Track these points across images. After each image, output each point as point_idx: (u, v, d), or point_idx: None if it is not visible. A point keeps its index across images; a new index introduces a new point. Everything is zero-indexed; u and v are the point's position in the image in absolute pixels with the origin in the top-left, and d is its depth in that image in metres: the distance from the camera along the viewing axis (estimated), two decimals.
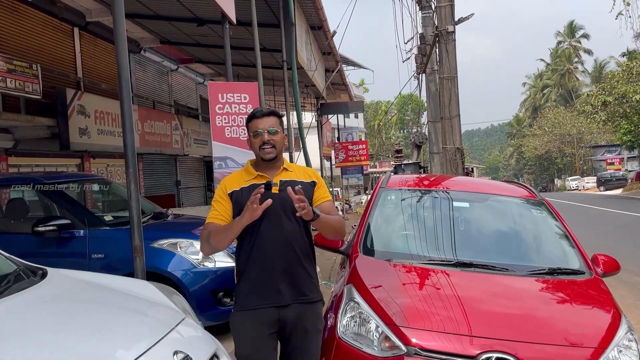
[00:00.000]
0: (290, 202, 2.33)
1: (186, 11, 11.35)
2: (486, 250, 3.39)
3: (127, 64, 3.48)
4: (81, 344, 1.77)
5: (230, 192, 2.51)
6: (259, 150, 2.51)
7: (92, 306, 2.15)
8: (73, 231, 4.56)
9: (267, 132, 2.49)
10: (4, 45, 9.77)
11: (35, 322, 1.87)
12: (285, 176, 2.55)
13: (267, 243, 2.43)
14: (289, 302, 2.43)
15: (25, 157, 10.21)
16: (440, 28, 7.14)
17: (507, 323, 2.61)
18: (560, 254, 3.41)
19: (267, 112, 2.57)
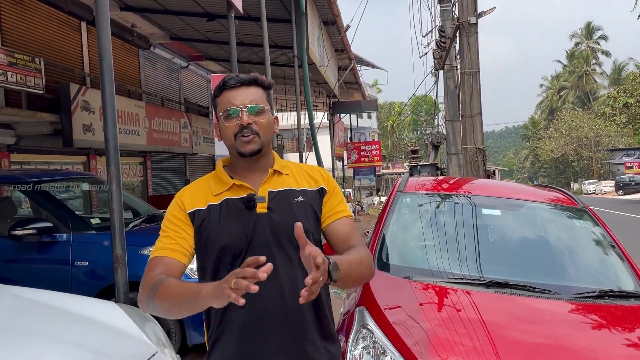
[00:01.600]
0: (287, 228, 1.52)
1: (196, 5, 11.08)
2: (522, 267, 2.91)
3: (109, 48, 3.09)
4: None
5: (192, 211, 1.62)
6: (233, 140, 1.59)
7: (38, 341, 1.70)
8: (55, 235, 4.15)
9: (245, 110, 1.58)
10: (7, 38, 9.53)
11: None
12: (278, 184, 1.66)
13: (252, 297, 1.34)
14: None
15: (28, 154, 9.99)
16: (461, 19, 6.67)
17: (546, 354, 2.12)
18: (611, 273, 2.91)
19: (245, 79, 1.62)
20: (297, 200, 1.63)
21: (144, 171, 13.94)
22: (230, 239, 1.55)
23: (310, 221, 1.62)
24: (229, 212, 1.58)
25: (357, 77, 18.37)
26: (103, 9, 3.02)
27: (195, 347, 4.19)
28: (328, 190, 1.70)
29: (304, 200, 1.63)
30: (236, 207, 1.59)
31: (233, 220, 1.57)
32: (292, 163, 1.76)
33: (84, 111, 9.97)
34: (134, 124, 11.79)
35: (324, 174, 1.74)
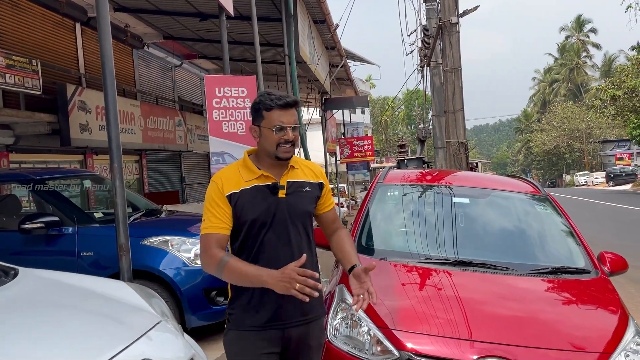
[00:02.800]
0: (298, 209, 2.11)
1: (188, 5, 11.25)
2: (487, 248, 3.23)
3: (111, 54, 3.36)
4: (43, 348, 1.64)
5: (229, 194, 2.07)
6: (275, 148, 2.06)
7: (58, 310, 2.03)
8: (61, 228, 4.45)
9: (291, 128, 2.06)
10: (4, 40, 9.70)
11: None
12: (292, 176, 2.15)
13: (271, 257, 2.06)
14: (294, 324, 2.10)
15: (26, 154, 10.16)
16: (443, 19, 6.95)
17: (507, 326, 2.45)
18: (565, 252, 3.24)
19: (291, 102, 2.08)
20: (305, 189, 2.15)
21: (140, 169, 14.14)
22: (258, 214, 2.06)
23: (312, 205, 2.19)
24: (258, 195, 2.07)
25: (349, 73, 18.61)
26: (104, 16, 3.29)
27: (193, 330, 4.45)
28: (325, 185, 2.25)
29: (310, 190, 2.16)
30: (263, 191, 2.08)
31: (261, 201, 2.06)
32: (299, 160, 2.26)
33: (80, 111, 10.16)
34: (130, 122, 12.00)
35: (322, 170, 2.30)
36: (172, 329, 2.25)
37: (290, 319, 2.09)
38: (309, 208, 2.18)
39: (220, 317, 4.36)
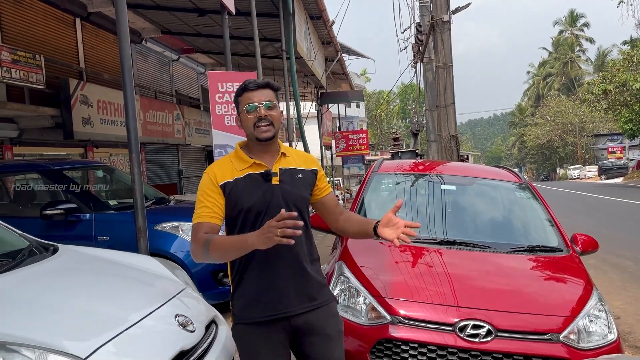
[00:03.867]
0: (293, 195, 2.11)
1: (187, 1, 11.47)
2: (471, 230, 3.58)
3: (129, 54, 3.66)
4: (92, 306, 1.98)
5: (223, 183, 2.09)
6: (253, 129, 2.08)
7: (101, 276, 2.37)
8: (79, 215, 4.78)
9: (262, 105, 2.07)
10: (7, 35, 9.92)
11: (48, 288, 2.08)
12: (285, 163, 2.16)
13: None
14: (299, 311, 2.08)
15: (29, 147, 10.39)
16: (435, 17, 7.27)
17: (486, 295, 2.80)
18: (541, 233, 3.60)
19: (262, 83, 2.13)
20: (299, 176, 2.17)
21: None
22: (254, 202, 2.07)
23: (308, 191, 2.19)
24: (251, 183, 2.09)
25: (344, 67, 18.91)
26: (123, 21, 3.59)
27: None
28: (319, 171, 2.26)
29: (303, 177, 2.18)
30: (257, 179, 2.10)
31: (255, 188, 2.08)
32: (290, 149, 2.30)
33: (82, 105, 10.38)
34: None
35: (315, 159, 2.33)
36: (195, 295, 2.59)
37: (293, 307, 2.06)
38: (304, 193, 2.17)
39: (226, 297, 4.69)
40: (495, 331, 2.57)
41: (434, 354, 2.56)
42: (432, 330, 2.61)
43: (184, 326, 2.10)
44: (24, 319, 1.77)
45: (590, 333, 2.71)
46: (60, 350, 1.60)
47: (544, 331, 2.62)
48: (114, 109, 11.47)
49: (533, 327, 2.62)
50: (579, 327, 2.68)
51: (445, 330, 2.60)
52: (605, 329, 2.75)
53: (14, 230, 2.71)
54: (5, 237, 2.63)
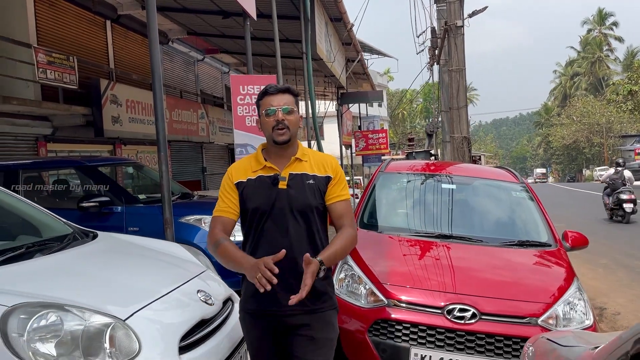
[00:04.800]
0: (298, 201, 2.16)
1: (212, 4, 11.88)
2: (466, 225, 3.88)
3: (159, 58, 4.05)
4: (129, 280, 2.37)
5: (237, 182, 2.23)
6: (271, 132, 2.18)
7: (135, 257, 2.76)
8: (112, 207, 5.23)
9: (280, 110, 2.16)
10: (43, 38, 10.47)
11: (90, 264, 2.49)
12: (297, 168, 2.22)
13: (269, 245, 2.14)
14: (291, 313, 2.14)
15: (62, 143, 10.93)
16: (449, 22, 7.52)
17: (472, 282, 3.11)
18: (532, 230, 3.88)
19: (282, 88, 2.22)
20: (309, 182, 2.20)
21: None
22: (259, 204, 2.18)
23: (316, 198, 2.21)
24: (260, 185, 2.20)
25: (365, 68, 19.17)
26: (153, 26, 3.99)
27: None
28: (333, 178, 2.25)
29: (313, 183, 2.21)
30: (265, 182, 2.20)
31: (263, 191, 2.19)
32: (311, 151, 2.35)
33: (112, 104, 10.87)
34: None
35: (334, 163, 2.31)
36: (214, 276, 2.97)
37: (285, 307, 2.08)
38: (310, 201, 2.19)
39: None
40: (479, 314, 2.88)
41: (425, 333, 2.89)
42: (423, 313, 2.93)
43: (205, 300, 2.47)
44: (75, 287, 2.16)
45: (568, 319, 2.99)
46: (105, 312, 1.99)
47: (524, 315, 2.91)
48: (142, 108, 11.97)
49: (514, 311, 2.92)
50: (557, 313, 2.96)
51: (435, 312, 2.92)
52: (582, 315, 3.03)
53: (60, 219, 3.12)
54: (52, 224, 3.04)
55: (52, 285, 2.12)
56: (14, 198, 3.16)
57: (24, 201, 3.18)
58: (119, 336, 1.96)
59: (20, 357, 1.76)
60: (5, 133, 9.54)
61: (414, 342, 2.88)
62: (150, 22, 3.97)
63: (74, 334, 1.89)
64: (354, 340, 3.02)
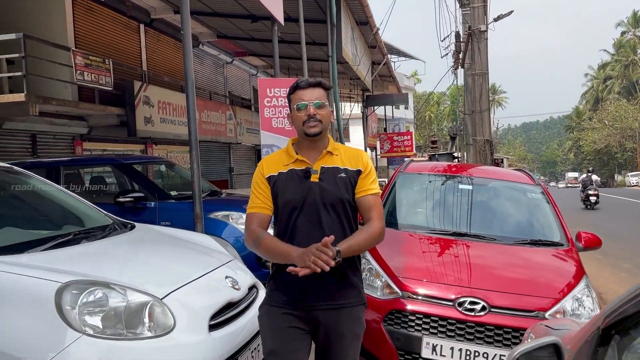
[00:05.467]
0: (331, 194, 2.16)
1: (242, 9, 12.22)
2: (481, 224, 4.02)
3: (191, 62, 4.33)
4: (165, 265, 2.62)
5: (268, 176, 2.23)
6: (302, 125, 2.18)
7: (169, 246, 3.02)
8: (146, 202, 5.55)
9: (312, 104, 2.16)
10: (80, 41, 10.95)
11: (130, 250, 2.75)
12: (329, 161, 2.22)
13: (302, 239, 2.13)
14: (321, 307, 2.15)
15: (96, 142, 11.40)
16: (473, 27, 7.64)
17: (483, 277, 3.27)
18: (545, 230, 4.01)
19: (313, 82, 2.22)
20: (340, 175, 2.20)
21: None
22: (291, 197, 2.17)
23: (348, 192, 2.21)
24: (292, 178, 2.20)
25: (391, 70, 19.31)
26: (187, 40, 4.26)
27: None
28: (364, 171, 2.24)
29: (345, 176, 2.20)
30: (298, 175, 2.20)
31: (295, 184, 2.18)
32: (342, 146, 2.34)
33: (145, 105, 11.27)
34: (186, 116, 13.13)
35: (364, 157, 2.30)
36: (241, 265, 3.21)
37: (315, 301, 2.12)
38: (342, 194, 2.19)
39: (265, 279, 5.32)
40: (489, 307, 3.04)
41: (436, 324, 3.06)
42: (435, 304, 3.10)
43: (232, 285, 2.71)
44: (118, 269, 2.41)
45: (576, 315, 3.12)
46: (144, 291, 2.23)
47: (532, 309, 3.06)
48: (172, 109, 12.36)
49: (523, 305, 3.07)
50: (564, 308, 3.10)
51: (447, 304, 3.09)
52: (590, 312, 3.15)
53: (100, 210, 3.40)
54: (94, 216, 3.32)
55: (98, 267, 2.38)
56: (60, 191, 3.46)
57: (68, 194, 3.48)
58: (157, 313, 2.21)
59: (72, 326, 2.02)
60: (45, 132, 10.02)
61: (426, 331, 3.05)
62: (184, 28, 4.24)
63: (118, 309, 2.14)
64: (371, 329, 3.20)
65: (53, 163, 5.91)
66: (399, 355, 3.09)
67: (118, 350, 2.06)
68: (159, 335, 2.16)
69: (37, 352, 1.96)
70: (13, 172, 3.29)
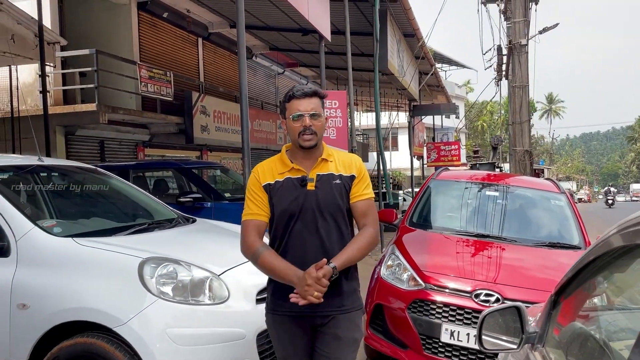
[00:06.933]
0: (327, 201, 2.18)
1: (293, 23, 12.84)
2: (503, 227, 4.35)
3: (245, 74, 4.88)
4: (220, 250, 3.17)
5: (265, 184, 2.22)
6: (297, 137, 2.17)
7: (224, 236, 3.57)
8: (203, 203, 6.18)
9: (308, 115, 2.15)
10: (144, 55, 11.89)
11: (192, 237, 3.34)
12: (324, 169, 2.23)
13: (299, 245, 2.18)
14: (322, 313, 2.18)
15: (156, 149, 12.28)
16: (513, 41, 7.90)
17: (500, 273, 3.61)
18: (565, 234, 4.29)
19: (309, 92, 2.20)
20: (335, 182, 2.22)
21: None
22: (287, 205, 2.17)
23: (343, 198, 2.24)
24: (288, 187, 2.20)
25: (439, 80, 19.52)
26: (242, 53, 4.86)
27: None
28: (357, 177, 2.26)
29: (339, 183, 2.22)
30: (293, 184, 2.21)
31: (291, 193, 2.18)
32: (336, 151, 2.35)
33: (201, 114, 12.05)
34: (239, 125, 13.86)
35: (358, 163, 2.32)
36: None
37: (315, 308, 2.12)
38: (338, 201, 2.21)
39: None
40: (502, 299, 3.39)
41: (455, 312, 3.45)
42: (454, 295, 3.49)
43: None
44: (184, 251, 2.96)
45: None
46: (205, 268, 2.78)
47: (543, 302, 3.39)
48: (227, 118, 13.13)
49: (534, 299, 3.38)
50: None
51: (464, 295, 3.47)
52: None
53: (167, 206, 4.01)
54: (162, 211, 3.93)
55: (169, 249, 2.95)
56: (134, 189, 4.09)
57: (141, 191, 4.11)
58: (215, 286, 2.75)
59: (151, 292, 2.59)
60: (112, 138, 10.95)
61: (445, 319, 3.44)
62: (240, 44, 4.81)
63: (184, 281, 2.69)
64: (397, 317, 3.63)
65: (124, 166, 6.66)
66: (421, 339, 3.50)
67: (184, 312, 2.62)
68: (216, 303, 2.70)
69: (124, 309, 2.54)
70: (98, 173, 3.95)
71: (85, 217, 3.49)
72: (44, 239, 2.77)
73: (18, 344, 2.63)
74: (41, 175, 3.57)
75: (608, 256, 1.50)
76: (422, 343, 3.49)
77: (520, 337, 1.78)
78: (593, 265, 1.60)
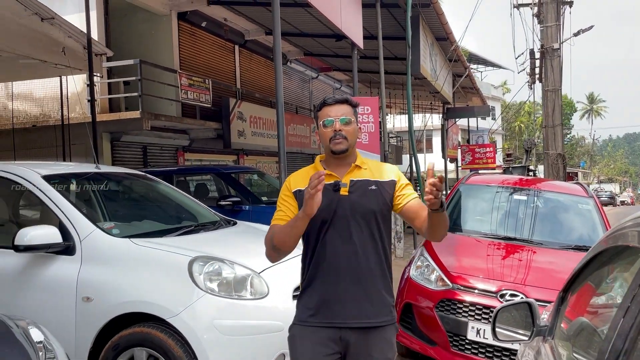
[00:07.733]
0: (361, 207, 2.14)
1: (326, 29, 13.06)
2: (530, 230, 4.48)
3: (281, 80, 5.16)
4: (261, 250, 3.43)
5: (295, 190, 2.21)
6: (329, 142, 2.17)
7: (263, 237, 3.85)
8: (241, 206, 6.51)
9: (338, 120, 2.15)
10: (184, 63, 12.36)
11: (234, 238, 3.65)
12: (357, 175, 2.20)
13: (332, 253, 2.13)
14: (350, 325, 2.11)
15: (195, 153, 12.70)
16: (546, 45, 7.94)
17: (525, 274, 3.76)
18: (591, 237, 4.38)
19: (340, 99, 2.23)
20: (371, 188, 2.18)
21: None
22: (319, 211, 2.01)
23: (379, 203, 2.17)
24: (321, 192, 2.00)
25: (474, 82, 19.42)
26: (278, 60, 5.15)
27: None
28: (397, 182, 2.22)
29: (376, 189, 2.18)
30: (327, 189, 2.09)
31: (323, 198, 2.01)
32: (371, 161, 2.34)
33: (238, 120, 12.46)
34: (274, 129, 14.24)
35: (395, 169, 2.31)
36: None
37: (347, 318, 2.09)
38: (373, 206, 2.16)
39: None
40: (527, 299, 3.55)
41: (480, 311, 3.62)
42: (480, 295, 3.66)
43: None
44: (227, 250, 3.25)
45: None
46: (247, 267, 3.05)
47: None
48: (262, 123, 13.50)
49: None
50: None
51: (490, 295, 3.64)
52: None
53: (210, 210, 4.33)
54: (205, 214, 4.25)
55: (214, 248, 3.25)
56: (180, 193, 4.43)
57: (185, 196, 4.44)
58: (256, 282, 3.02)
59: (199, 287, 2.89)
60: (154, 144, 11.44)
61: (471, 317, 3.62)
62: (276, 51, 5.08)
63: (228, 278, 2.98)
64: (425, 315, 3.83)
65: (168, 172, 7.06)
66: (448, 337, 3.69)
67: (228, 306, 2.91)
68: (257, 299, 2.98)
69: (176, 302, 2.85)
70: (147, 179, 4.30)
71: (137, 220, 3.85)
72: (104, 239, 3.12)
73: (83, 333, 2.97)
74: (98, 181, 3.93)
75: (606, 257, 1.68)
76: (449, 340, 3.68)
77: (531, 330, 1.97)
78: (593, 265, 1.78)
